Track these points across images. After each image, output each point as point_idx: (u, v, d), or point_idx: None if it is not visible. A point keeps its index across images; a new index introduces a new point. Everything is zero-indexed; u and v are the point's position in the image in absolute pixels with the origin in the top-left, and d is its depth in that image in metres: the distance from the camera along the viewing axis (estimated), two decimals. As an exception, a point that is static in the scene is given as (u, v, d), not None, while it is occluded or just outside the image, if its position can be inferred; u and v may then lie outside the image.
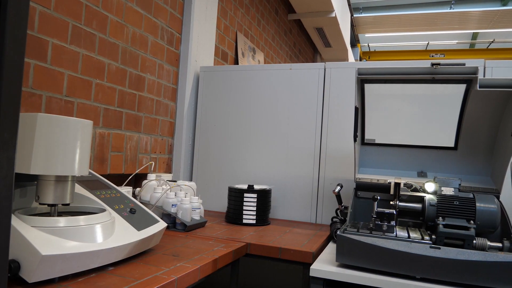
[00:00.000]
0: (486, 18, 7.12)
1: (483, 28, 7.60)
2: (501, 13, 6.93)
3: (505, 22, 7.20)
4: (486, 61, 2.10)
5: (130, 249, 1.28)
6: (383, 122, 1.91)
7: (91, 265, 1.14)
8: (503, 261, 1.28)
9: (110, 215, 1.29)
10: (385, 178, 1.87)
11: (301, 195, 2.33)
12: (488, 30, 7.68)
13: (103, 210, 1.32)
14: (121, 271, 1.19)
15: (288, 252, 1.65)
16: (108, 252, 1.17)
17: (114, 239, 1.21)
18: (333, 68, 2.32)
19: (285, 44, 5.05)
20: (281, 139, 2.41)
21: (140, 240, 1.31)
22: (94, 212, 1.30)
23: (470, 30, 7.83)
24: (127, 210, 1.42)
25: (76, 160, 1.16)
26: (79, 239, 1.11)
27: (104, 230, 1.19)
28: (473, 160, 1.86)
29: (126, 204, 1.46)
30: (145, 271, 1.21)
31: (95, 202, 1.36)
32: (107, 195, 1.44)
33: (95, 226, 1.17)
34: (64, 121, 1.14)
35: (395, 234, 1.49)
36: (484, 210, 1.51)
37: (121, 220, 1.33)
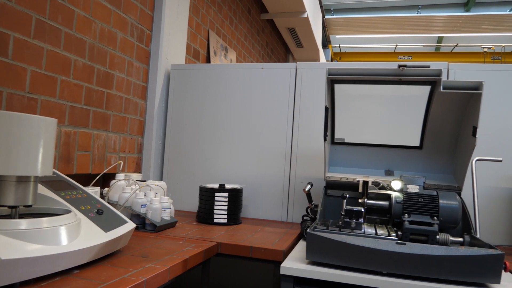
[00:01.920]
0: (450, 23, 7.39)
1: (448, 32, 7.89)
2: (464, 19, 7.21)
3: (467, 27, 7.50)
4: (449, 64, 2.18)
5: (97, 251, 1.24)
6: (352, 122, 1.95)
7: (56, 268, 1.10)
8: (463, 255, 1.34)
9: (76, 216, 1.25)
10: (354, 176, 1.91)
11: (273, 194, 2.35)
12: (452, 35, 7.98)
13: (68, 211, 1.28)
14: (87, 274, 1.16)
15: (259, 251, 1.65)
16: (73, 254, 1.13)
17: (80, 241, 1.18)
18: (304, 68, 2.35)
19: (257, 44, 5.06)
20: (252, 138, 2.41)
21: (107, 241, 1.27)
22: (59, 214, 1.26)
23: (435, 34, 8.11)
24: (94, 211, 1.38)
25: (39, 159, 1.12)
26: (42, 242, 1.07)
27: (69, 232, 1.16)
28: (437, 159, 1.93)
29: (93, 205, 1.42)
30: (112, 273, 1.18)
31: (59, 203, 1.32)
32: (73, 196, 1.40)
33: (59, 228, 1.13)
34: (26, 118, 1.09)
35: (363, 231, 1.53)
36: (447, 207, 1.57)
37: (88, 222, 1.29)
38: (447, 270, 1.36)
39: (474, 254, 1.34)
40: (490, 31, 7.59)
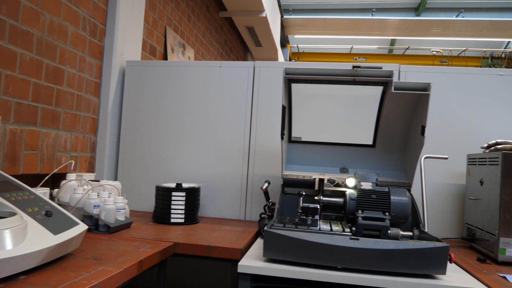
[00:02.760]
0: (402, 26, 7.72)
1: (400, 35, 8.24)
2: (415, 23, 7.56)
3: (418, 31, 7.87)
4: (401, 65, 2.28)
5: (45, 255, 1.18)
6: (309, 121, 1.99)
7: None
8: (412, 248, 1.40)
9: (22, 219, 1.18)
10: (310, 174, 1.95)
11: (231, 193, 2.34)
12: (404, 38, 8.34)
13: (13, 213, 1.21)
14: (35, 279, 1.10)
15: (216, 250, 1.64)
16: (19, 259, 1.07)
17: (26, 245, 1.11)
18: (262, 67, 2.36)
19: (216, 42, 5.03)
20: (211, 137, 2.40)
21: (56, 244, 1.22)
22: (3, 217, 1.18)
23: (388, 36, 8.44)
24: (42, 213, 1.31)
25: (-21, 159, 1.05)
26: (-17, 246, 1.00)
27: (14, 236, 1.09)
28: (389, 157, 2.01)
29: (41, 207, 1.35)
30: (62, 277, 1.13)
31: (4, 206, 1.24)
32: (19, 197, 1.32)
33: (3, 231, 1.06)
34: (-35, 115, 1.02)
35: (318, 227, 1.56)
36: (398, 203, 1.64)
37: (35, 224, 1.23)
38: (397, 263, 1.42)
39: (422, 247, 1.40)
40: (438, 35, 8.01)
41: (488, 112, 2.20)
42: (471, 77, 2.23)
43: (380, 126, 1.95)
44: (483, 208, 1.81)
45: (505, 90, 2.20)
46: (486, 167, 1.80)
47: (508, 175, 1.66)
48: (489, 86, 2.22)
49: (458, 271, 1.55)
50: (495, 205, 1.69)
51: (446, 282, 1.39)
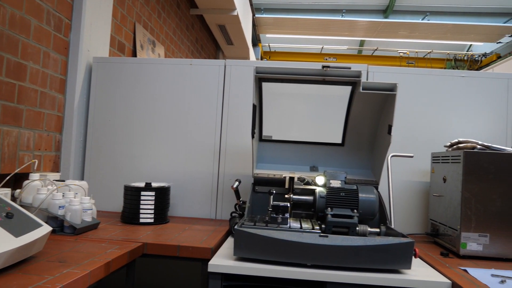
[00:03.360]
0: (371, 28, 7.90)
1: (369, 37, 8.43)
2: (383, 25, 7.75)
3: (386, 32, 8.08)
4: (369, 66, 2.33)
5: (6, 258, 1.14)
6: (280, 120, 2.00)
7: (-46, 279, 0.98)
8: (379, 244, 1.44)
9: (-20, 220, 1.13)
10: (281, 173, 1.96)
11: (201, 192, 2.33)
12: (373, 39, 8.54)
13: (-30, 215, 1.15)
14: (-6, 283, 1.06)
15: (186, 250, 1.63)
16: (-24, 263, 1.02)
17: (-15, 247, 1.06)
18: (233, 65, 2.35)
19: (187, 39, 4.97)
20: (181, 135, 2.37)
21: (18, 247, 1.17)
22: (-41, 218, 1.13)
23: (358, 37, 8.61)
24: (3, 215, 1.26)
25: None
26: None
27: (-29, 238, 1.04)
28: (357, 155, 2.05)
29: (1, 208, 1.29)
30: (24, 281, 1.09)
31: (-40, 207, 1.18)
32: (-23, 198, 1.26)
33: (-41, 234, 1.01)
34: None
35: (288, 225, 1.57)
36: (365, 200, 1.67)
37: (-6, 226, 1.17)
38: (365, 259, 1.45)
39: (388, 243, 1.44)
40: (405, 37, 8.25)
41: (451, 112, 2.29)
42: (435, 78, 2.31)
43: (348, 125, 1.99)
44: (446, 205, 1.88)
45: (466, 91, 2.29)
46: (449, 165, 1.87)
47: (469, 173, 1.73)
48: (451, 87, 2.30)
49: (423, 265, 1.60)
50: (457, 202, 1.76)
51: (411, 277, 1.43)
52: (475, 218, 1.72)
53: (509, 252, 1.71)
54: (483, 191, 1.72)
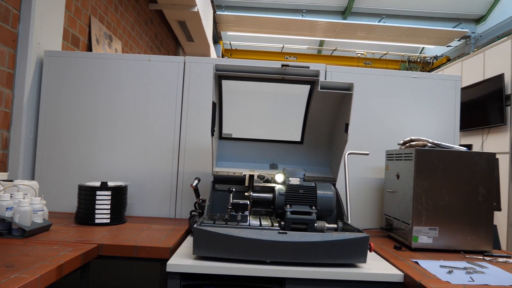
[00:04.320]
0: (330, 28, 8.06)
1: (328, 37, 8.59)
2: (341, 26, 7.93)
3: (345, 33, 8.28)
4: (327, 66, 2.38)
5: None
6: (240, 118, 2.00)
7: None
8: (336, 239, 1.48)
9: None
10: (240, 170, 1.96)
11: (160, 190, 2.28)
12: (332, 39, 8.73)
13: None
14: None
15: (144, 250, 1.59)
16: None
17: None
18: (193, 62, 2.32)
19: (145, 34, 4.85)
20: (139, 133, 2.31)
21: (-42, 252, 1.09)
22: None
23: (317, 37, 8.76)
24: None
25: None
26: None
27: None
28: (316, 153, 2.09)
29: None
30: (-35, 288, 1.02)
31: None
32: None
33: None
34: None
35: (248, 223, 1.58)
36: (323, 197, 1.71)
37: None
38: (323, 254, 1.48)
39: (344, 238, 1.48)
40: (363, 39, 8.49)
41: (405, 111, 2.39)
42: (389, 79, 2.40)
43: (307, 124, 2.02)
44: (399, 200, 1.96)
45: (419, 91, 2.40)
46: (402, 162, 1.95)
47: (420, 169, 1.81)
48: (405, 87, 2.40)
49: (377, 259, 1.66)
50: (409, 197, 1.84)
51: (366, 270, 1.48)
52: (426, 212, 1.80)
53: (456, 244, 1.81)
54: (433, 187, 1.81)
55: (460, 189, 1.82)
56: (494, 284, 1.37)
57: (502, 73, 4.95)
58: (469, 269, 1.52)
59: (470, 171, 1.83)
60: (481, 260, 1.70)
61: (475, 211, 1.82)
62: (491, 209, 1.84)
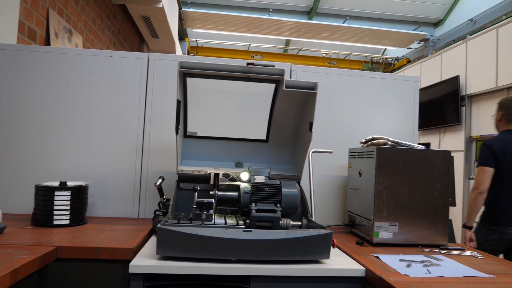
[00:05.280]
0: (296, 28, 8.15)
1: (294, 37, 8.68)
2: (307, 26, 8.04)
3: (310, 33, 8.39)
4: (292, 65, 2.40)
5: None
6: (205, 116, 1.99)
7: None
8: (300, 236, 1.50)
9: None
10: (206, 169, 1.95)
11: (123, 190, 2.22)
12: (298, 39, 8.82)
13: None
14: None
15: (105, 251, 1.55)
16: None
17: None
18: (157, 59, 2.28)
19: (108, 30, 4.71)
20: (100, 131, 2.24)
21: None
22: None
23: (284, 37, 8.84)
24: None
25: None
26: None
27: None
28: (281, 151, 2.11)
29: None
30: None
31: None
32: None
33: None
34: None
35: (213, 222, 1.57)
36: (288, 194, 1.73)
37: None
38: (287, 251, 1.50)
39: (308, 235, 1.51)
40: (328, 39, 8.64)
41: (367, 110, 2.46)
42: (353, 79, 2.46)
43: (272, 122, 2.03)
44: (361, 197, 2.01)
45: (380, 91, 2.48)
46: (364, 160, 2.01)
47: (381, 167, 1.87)
48: (367, 87, 2.47)
49: (340, 254, 1.70)
50: (370, 194, 1.89)
51: (329, 266, 1.51)
52: (386, 208, 1.86)
53: (415, 239, 1.88)
54: (393, 184, 1.88)
55: (418, 185, 1.89)
56: (448, 275, 1.44)
57: (458, 75, 5.20)
58: (426, 262, 1.59)
59: (427, 168, 1.90)
60: (437, 253, 1.77)
61: (432, 207, 1.90)
62: (446, 205, 1.92)
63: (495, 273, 1.50)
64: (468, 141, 5.08)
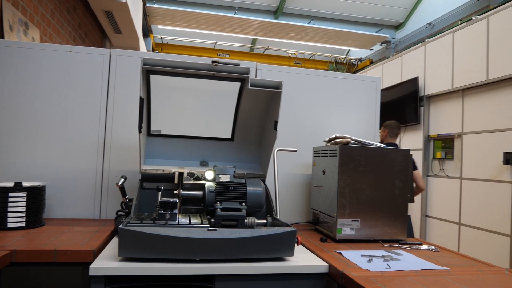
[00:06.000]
0: (262, 27, 8.18)
1: (260, 36, 8.71)
2: (273, 25, 8.09)
3: (276, 33, 8.45)
4: (258, 64, 2.41)
5: None
6: (169, 114, 1.95)
7: None
8: (265, 234, 1.51)
9: None
10: (170, 168, 1.92)
11: (83, 190, 2.15)
12: (264, 38, 8.86)
13: None
14: None
15: (64, 254, 1.49)
16: None
17: None
18: (119, 55, 2.22)
19: (67, 24, 4.53)
20: (59, 129, 2.15)
21: None
22: None
23: (250, 35, 8.85)
24: None
25: None
26: None
27: None
28: (246, 150, 2.11)
29: None
30: None
31: None
32: None
33: None
34: None
35: (177, 221, 1.55)
36: (253, 193, 1.74)
37: None
38: (252, 249, 1.50)
39: (273, 233, 1.52)
40: (293, 39, 8.73)
41: (331, 110, 2.51)
42: (317, 79, 2.50)
43: (238, 121, 2.03)
44: (325, 194, 2.05)
45: (344, 91, 2.53)
46: (328, 158, 2.05)
47: (343, 165, 1.91)
48: (331, 87, 2.52)
49: (304, 251, 1.73)
50: (334, 191, 1.93)
51: (293, 263, 1.53)
52: (349, 205, 1.91)
53: (376, 234, 1.94)
54: (355, 181, 1.92)
55: (379, 183, 1.95)
56: (407, 269, 1.49)
57: (417, 77, 5.40)
58: (386, 257, 1.64)
59: (388, 166, 1.97)
60: (397, 248, 1.84)
61: (392, 203, 1.96)
62: (406, 201, 2.00)
63: (449, 265, 1.58)
64: (426, 139, 5.30)
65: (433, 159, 5.18)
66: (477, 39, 4.39)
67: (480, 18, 4.35)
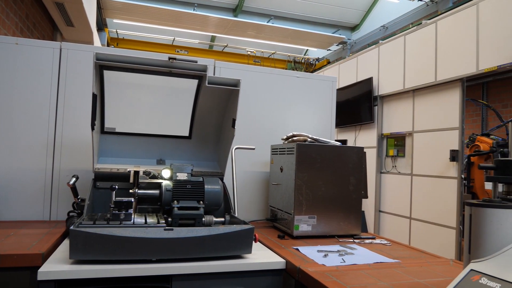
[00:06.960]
0: (221, 24, 8.14)
1: (219, 33, 8.67)
2: (232, 23, 8.07)
3: (235, 30, 8.44)
4: (216, 61, 2.39)
5: None
6: (124, 111, 1.90)
7: None
8: (222, 232, 1.51)
9: None
10: (125, 167, 1.86)
11: (31, 191, 2.04)
12: (223, 35, 8.82)
13: None
14: None
15: (10, 258, 1.41)
16: None
17: None
18: (71, 49, 2.12)
19: (14, 14, 4.27)
20: (3, 127, 2.02)
21: None
22: None
23: (209, 33, 8.78)
24: None
25: None
26: None
27: None
28: (204, 148, 2.10)
29: None
30: None
31: None
32: None
33: None
34: None
35: (132, 221, 1.51)
36: (211, 191, 1.72)
37: None
38: (210, 248, 1.50)
39: (230, 231, 1.52)
40: (253, 37, 8.77)
41: (288, 108, 2.54)
42: (275, 77, 2.52)
43: (195, 118, 2.01)
44: (283, 192, 2.08)
45: (301, 90, 2.57)
46: (285, 156, 2.07)
47: (300, 162, 1.95)
48: (289, 86, 2.55)
49: (262, 248, 1.74)
50: (291, 189, 1.96)
51: (251, 260, 1.54)
52: (306, 202, 1.95)
53: (331, 230, 1.99)
54: (311, 179, 1.96)
55: (335, 180, 2.01)
56: (361, 263, 1.55)
57: (371, 77, 5.60)
58: (342, 252, 1.69)
59: (343, 163, 2.03)
60: (351, 243, 1.90)
61: (347, 200, 2.02)
62: (360, 197, 2.07)
63: (400, 258, 1.65)
64: (380, 138, 5.51)
65: (386, 156, 5.39)
66: (427, 42, 4.62)
67: (429, 22, 4.58)
